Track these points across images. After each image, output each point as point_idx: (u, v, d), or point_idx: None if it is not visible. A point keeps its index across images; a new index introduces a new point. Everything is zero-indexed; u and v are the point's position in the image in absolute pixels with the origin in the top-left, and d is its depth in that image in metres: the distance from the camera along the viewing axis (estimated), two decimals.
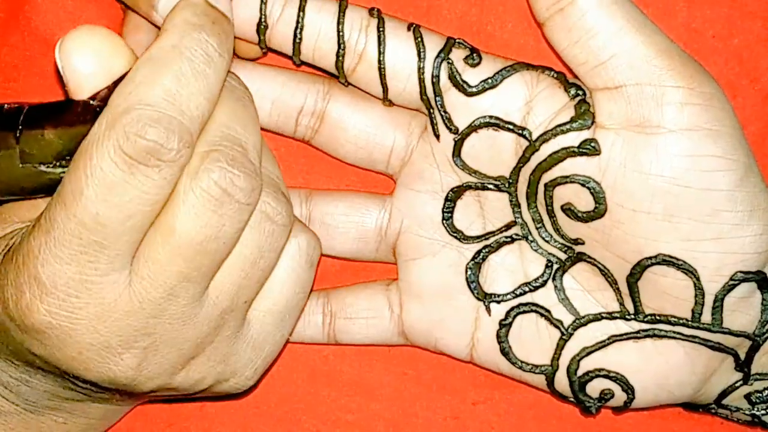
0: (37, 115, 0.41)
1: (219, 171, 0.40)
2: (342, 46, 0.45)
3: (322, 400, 0.53)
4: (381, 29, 0.45)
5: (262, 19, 0.45)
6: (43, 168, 0.41)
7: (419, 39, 0.45)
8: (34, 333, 0.41)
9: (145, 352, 0.42)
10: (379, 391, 0.53)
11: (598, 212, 0.45)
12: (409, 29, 0.45)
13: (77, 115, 0.41)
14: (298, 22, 0.45)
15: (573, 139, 0.44)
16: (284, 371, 0.53)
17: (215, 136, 0.41)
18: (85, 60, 0.41)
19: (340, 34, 0.45)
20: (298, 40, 0.46)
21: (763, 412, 0.48)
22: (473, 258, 0.49)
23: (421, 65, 0.45)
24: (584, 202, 0.45)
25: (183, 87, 0.39)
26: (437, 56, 0.45)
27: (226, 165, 0.40)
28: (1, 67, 0.51)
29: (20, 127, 0.41)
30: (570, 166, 0.45)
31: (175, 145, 0.38)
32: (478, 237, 0.48)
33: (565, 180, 0.45)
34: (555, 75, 0.45)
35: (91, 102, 0.41)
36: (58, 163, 0.41)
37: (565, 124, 0.44)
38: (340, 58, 0.46)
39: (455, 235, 0.49)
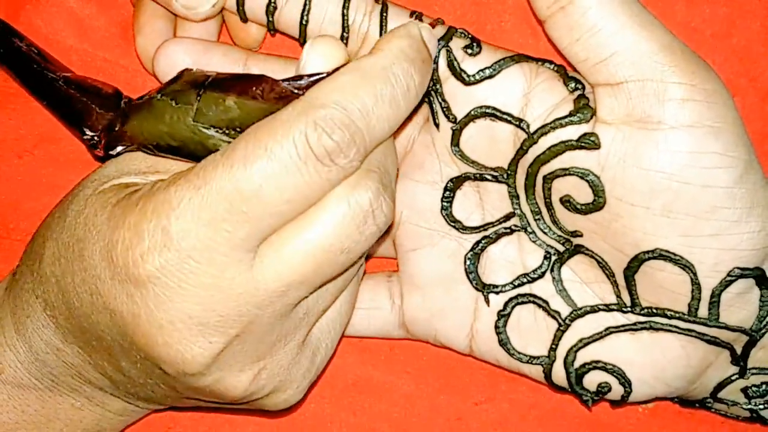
0: (224, 81, 0.42)
1: (375, 192, 0.41)
2: (346, 29, 0.46)
3: (324, 400, 0.54)
4: (384, 14, 0.46)
5: (272, 1, 0.46)
6: (211, 131, 0.42)
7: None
8: (131, 284, 0.40)
9: (233, 340, 0.41)
10: (381, 392, 0.53)
11: (596, 205, 0.45)
12: (411, 16, 0.46)
13: (264, 93, 0.42)
14: (305, 4, 0.46)
15: (572, 132, 0.44)
16: None
17: (376, 160, 0.41)
18: (321, 63, 0.42)
19: (345, 17, 0.46)
20: (304, 22, 0.46)
21: (760, 406, 0.48)
22: (472, 248, 0.49)
23: None
24: (583, 194, 0.45)
25: (378, 107, 0.40)
26: (438, 42, 0.45)
27: (382, 188, 0.41)
28: (1, 66, 0.52)
29: (205, 86, 0.42)
30: (569, 159, 0.45)
31: (352, 155, 0.40)
32: (477, 227, 0.49)
33: (564, 172, 0.45)
34: (555, 68, 0.45)
35: (285, 84, 0.41)
36: (227, 132, 0.42)
37: (564, 117, 0.44)
38: (344, 41, 0.46)
39: (454, 225, 0.49)
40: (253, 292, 0.40)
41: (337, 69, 0.41)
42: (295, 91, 0.41)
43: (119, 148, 0.44)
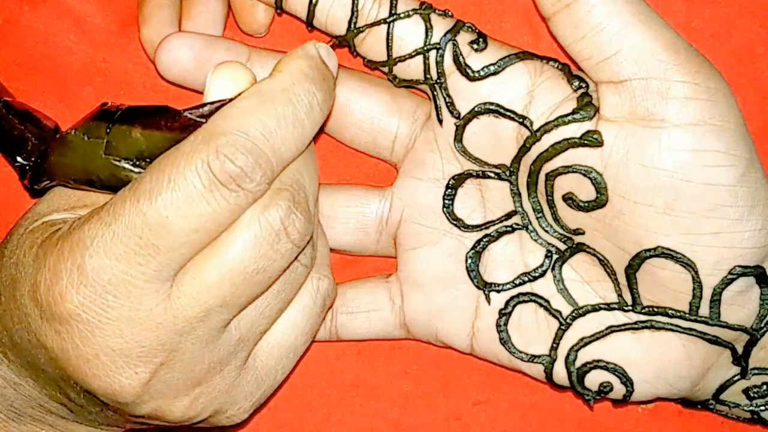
0: (132, 114, 0.43)
1: (286, 210, 0.41)
2: (355, 13, 0.46)
3: (323, 400, 0.53)
4: (393, 2, 0.46)
5: None
6: (122, 164, 0.42)
7: (428, 15, 0.46)
8: (57, 322, 0.41)
9: (159, 368, 0.42)
10: (380, 392, 0.53)
11: (599, 202, 0.45)
12: (421, 5, 0.46)
13: (169, 123, 0.42)
14: None
15: (575, 130, 0.44)
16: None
17: (288, 178, 0.42)
18: (226, 89, 0.42)
19: (355, 1, 0.46)
20: (313, 4, 0.46)
21: (762, 407, 0.48)
22: (473, 247, 0.49)
23: (428, 42, 0.46)
24: (586, 191, 0.45)
25: (281, 129, 0.41)
26: (444, 35, 0.46)
27: (293, 206, 0.41)
28: (2, 67, 0.51)
29: (114, 120, 0.43)
30: (572, 156, 0.45)
31: (258, 178, 0.40)
32: (478, 226, 0.49)
33: (567, 170, 0.45)
34: (559, 66, 0.45)
35: (187, 114, 0.42)
36: (137, 163, 0.42)
37: (567, 115, 0.44)
38: (353, 26, 0.46)
39: (456, 223, 0.49)
40: (172, 320, 0.41)
41: (239, 95, 0.42)
42: (198, 119, 0.42)
43: (43, 183, 0.45)
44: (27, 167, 0.45)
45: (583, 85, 0.45)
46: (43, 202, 0.46)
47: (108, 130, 0.43)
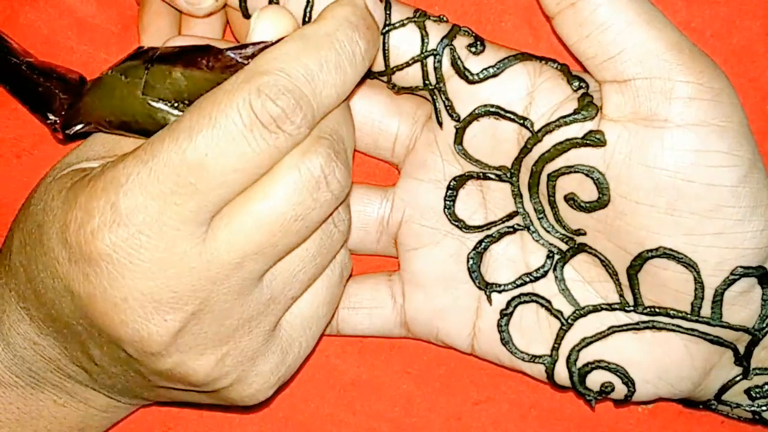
0: (172, 54, 0.42)
1: (326, 158, 0.40)
2: None
3: (324, 400, 0.53)
4: (387, 11, 0.45)
5: None
6: (160, 105, 0.42)
7: (423, 23, 0.45)
8: (86, 263, 0.40)
9: (190, 318, 0.41)
10: (380, 391, 0.53)
11: (601, 202, 0.45)
12: (415, 13, 0.45)
13: (211, 63, 0.41)
14: (308, 1, 0.45)
15: (576, 130, 0.44)
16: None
17: (328, 128, 0.41)
18: (270, 32, 0.42)
19: None
20: (307, 19, 0.45)
21: (763, 407, 0.48)
22: (475, 248, 0.49)
23: (424, 49, 0.45)
24: (587, 192, 0.45)
25: (323, 73, 0.40)
26: (441, 41, 0.45)
27: (333, 155, 0.41)
28: None
29: (153, 60, 0.42)
30: (574, 156, 0.45)
31: (298, 120, 0.39)
32: (479, 227, 0.48)
33: (569, 170, 0.45)
34: (558, 67, 0.45)
35: (230, 54, 0.41)
36: (176, 104, 0.42)
37: (568, 115, 0.44)
38: None
39: (457, 224, 0.49)
40: (206, 265, 0.40)
41: (283, 38, 0.41)
42: (241, 60, 0.41)
43: (76, 127, 0.44)
44: (57, 121, 0.44)
45: (583, 86, 0.45)
46: (72, 153, 0.45)
47: (147, 70, 0.42)
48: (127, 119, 0.42)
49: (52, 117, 0.44)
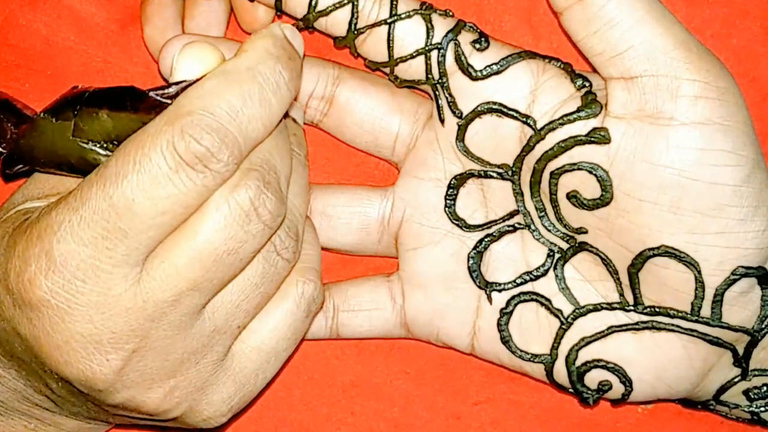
0: (99, 96, 0.42)
1: (256, 190, 0.40)
2: (356, 14, 0.45)
3: (323, 400, 0.53)
4: (394, 2, 0.45)
5: None
6: (90, 146, 0.42)
7: (429, 15, 0.45)
8: (28, 309, 0.40)
9: (131, 356, 0.41)
10: (380, 391, 0.53)
11: (604, 200, 0.44)
12: (422, 6, 0.45)
13: (135, 104, 0.42)
14: None
15: (580, 128, 0.44)
16: (284, 371, 0.52)
17: (257, 159, 0.41)
18: (193, 69, 0.42)
19: (355, 3, 0.45)
20: (313, 6, 0.45)
21: (762, 408, 0.48)
22: (475, 247, 0.48)
23: (429, 42, 0.45)
24: (590, 190, 0.45)
25: (247, 108, 0.40)
26: (446, 36, 0.45)
27: (263, 186, 0.41)
28: (1, 67, 0.51)
29: (82, 101, 0.42)
30: (577, 154, 0.44)
31: (225, 158, 0.39)
32: (480, 226, 0.48)
33: (573, 167, 0.45)
34: (561, 65, 0.45)
35: (153, 95, 0.41)
36: (105, 145, 0.42)
37: (572, 113, 0.44)
38: (353, 27, 0.46)
39: (457, 223, 0.48)
40: (143, 305, 0.40)
41: (205, 76, 0.41)
42: (164, 100, 0.41)
43: (16, 168, 0.44)
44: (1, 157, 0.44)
45: (587, 84, 0.45)
46: (18, 191, 0.45)
47: (75, 112, 0.42)
48: (61, 161, 0.43)
49: (0, 150, 0.45)
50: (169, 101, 0.41)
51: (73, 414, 0.47)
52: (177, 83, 0.41)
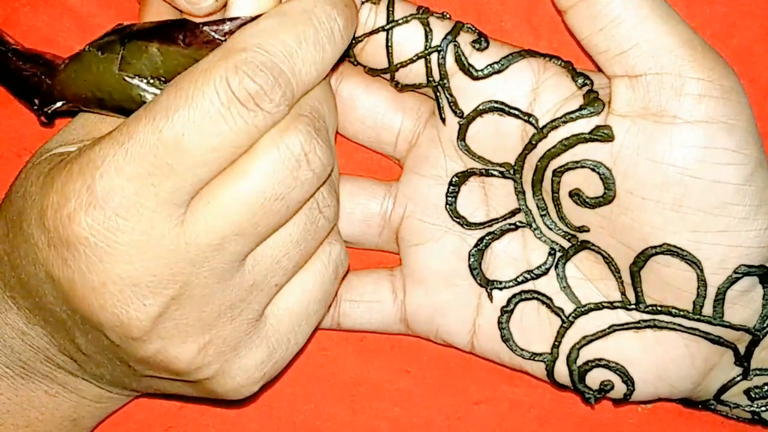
0: (150, 30, 0.41)
1: (306, 135, 0.39)
2: None
3: (324, 399, 0.53)
4: (390, 9, 0.45)
5: None
6: (136, 81, 0.41)
7: (426, 19, 0.45)
8: (64, 247, 0.39)
9: (170, 303, 0.40)
10: (380, 390, 0.53)
11: (606, 198, 0.44)
12: (418, 10, 0.45)
13: (188, 39, 0.41)
14: None
15: (582, 126, 0.44)
16: (286, 370, 0.51)
17: (308, 106, 0.40)
18: (248, 7, 0.41)
19: None
20: None
21: (762, 408, 0.48)
22: (476, 244, 0.48)
23: (428, 45, 0.45)
24: (592, 188, 0.45)
25: (302, 50, 0.39)
26: (445, 38, 0.45)
27: (314, 132, 0.40)
28: None
29: (130, 35, 0.41)
30: (580, 152, 0.44)
31: (278, 98, 0.38)
32: (481, 223, 0.48)
33: (576, 165, 0.44)
34: (562, 64, 0.45)
35: (207, 30, 0.40)
36: (152, 82, 0.41)
37: (575, 111, 0.44)
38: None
39: (458, 220, 0.48)
40: (185, 247, 0.39)
41: (261, 15, 0.40)
42: (218, 37, 0.40)
43: (54, 105, 0.43)
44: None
45: (588, 82, 0.45)
46: (53, 139, 0.44)
47: (123, 45, 0.41)
48: (103, 96, 0.41)
49: (38, 103, 0.43)
50: (223, 38, 0.40)
51: (96, 377, 0.46)
52: (232, 19, 0.41)
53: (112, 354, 0.43)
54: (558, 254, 0.48)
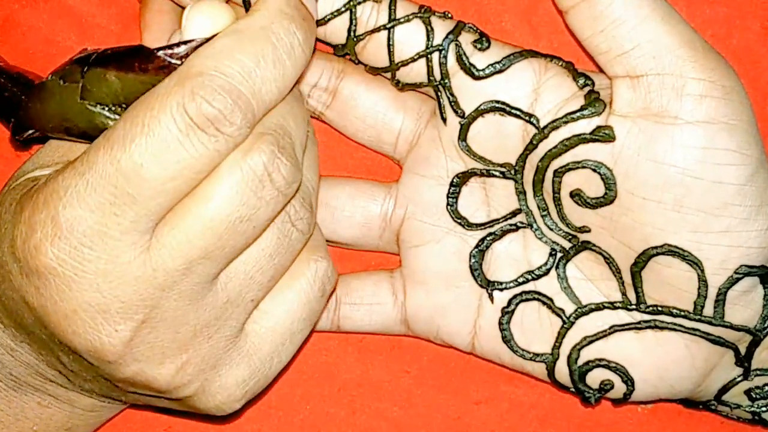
0: (107, 57, 0.41)
1: (269, 155, 0.39)
2: (354, 21, 0.45)
3: (324, 399, 0.53)
4: (393, 8, 0.45)
5: None
6: (98, 109, 0.41)
7: (428, 18, 0.45)
8: (35, 277, 0.39)
9: (141, 326, 0.40)
10: (381, 391, 0.53)
11: (607, 198, 0.44)
12: (420, 9, 0.45)
13: (143, 65, 0.40)
14: None
15: (584, 126, 0.44)
16: (286, 370, 0.51)
17: (271, 123, 0.40)
18: (204, 28, 0.41)
19: (353, 10, 0.45)
20: None
21: (763, 408, 0.48)
22: (477, 245, 0.48)
23: (430, 44, 0.45)
24: (593, 188, 0.45)
25: (261, 69, 0.39)
26: (446, 37, 0.45)
27: (277, 150, 0.39)
28: (1, 66, 0.51)
29: (89, 63, 0.41)
30: (581, 153, 0.44)
31: (238, 121, 0.38)
32: (482, 224, 0.48)
33: (577, 165, 0.44)
34: (563, 64, 0.45)
35: (162, 55, 0.40)
36: (113, 108, 0.40)
37: (576, 111, 0.44)
38: (353, 34, 0.45)
39: (459, 221, 0.48)
40: (152, 273, 0.39)
41: (216, 35, 0.40)
42: (173, 61, 0.40)
43: (26, 133, 0.43)
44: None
45: (589, 83, 0.44)
46: (29, 160, 0.44)
47: (83, 74, 0.41)
48: (68, 125, 0.41)
49: (13, 122, 0.43)
50: (178, 62, 0.40)
51: (86, 391, 0.46)
52: (187, 42, 0.40)
53: (95, 372, 0.43)
54: (559, 255, 0.47)
